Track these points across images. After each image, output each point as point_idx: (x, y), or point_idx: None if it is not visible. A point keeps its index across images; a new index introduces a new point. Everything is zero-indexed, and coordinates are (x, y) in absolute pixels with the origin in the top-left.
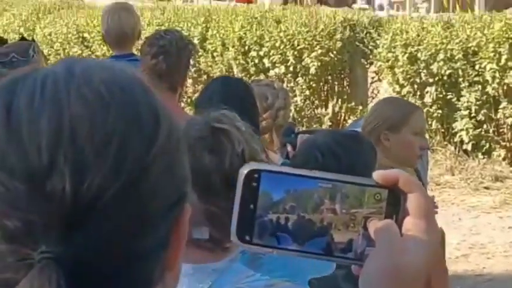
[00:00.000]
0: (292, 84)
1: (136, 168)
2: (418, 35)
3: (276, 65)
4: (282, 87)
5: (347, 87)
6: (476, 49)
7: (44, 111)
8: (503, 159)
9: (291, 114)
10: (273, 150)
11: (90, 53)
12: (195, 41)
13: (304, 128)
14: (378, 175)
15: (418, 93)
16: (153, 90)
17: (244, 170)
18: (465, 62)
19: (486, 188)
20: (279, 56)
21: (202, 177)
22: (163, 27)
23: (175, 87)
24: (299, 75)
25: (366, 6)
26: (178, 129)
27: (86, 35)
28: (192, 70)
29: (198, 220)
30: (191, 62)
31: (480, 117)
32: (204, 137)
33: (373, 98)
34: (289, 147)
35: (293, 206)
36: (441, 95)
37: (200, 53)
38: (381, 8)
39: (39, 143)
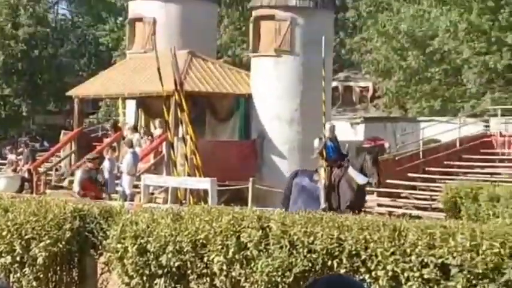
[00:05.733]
0: (18, 274)
1: None
2: (148, 227)
3: (3, 254)
4: None
5: (76, 278)
6: (204, 241)
7: None
8: None
9: None
10: None
11: None
12: None
13: None
14: None
15: (147, 285)
16: None
17: None
18: (194, 254)
19: None
20: (6, 245)
21: None
22: None
23: None
24: (26, 265)
25: None
26: None
27: None
28: None
29: None
30: None
31: None
32: None
33: None
34: None
35: None
36: (170, 287)
37: None
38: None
39: None
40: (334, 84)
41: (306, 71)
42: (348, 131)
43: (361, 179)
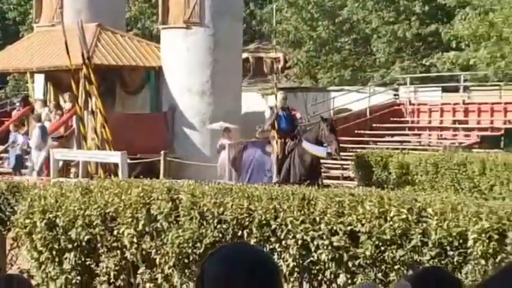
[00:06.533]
0: None
1: None
2: (57, 201)
3: None
4: None
5: None
6: (114, 214)
7: None
8: None
9: None
10: None
11: None
12: None
13: None
14: None
15: (57, 259)
16: None
17: None
18: (103, 227)
19: None
20: None
21: None
22: None
23: None
24: None
25: None
26: None
27: None
28: None
29: None
30: None
31: (119, 282)
32: None
33: (12, 265)
34: None
35: None
36: (80, 261)
37: None
38: None
39: None
40: (244, 55)
41: (216, 42)
42: (260, 101)
43: (320, 152)
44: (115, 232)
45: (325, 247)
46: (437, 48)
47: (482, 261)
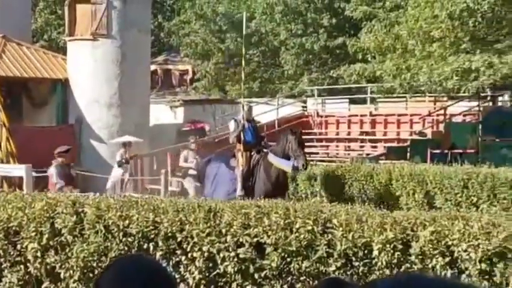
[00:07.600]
0: None
1: None
2: None
3: None
4: None
5: None
6: (17, 229)
7: None
8: None
9: None
10: None
11: None
12: None
13: None
14: None
15: None
16: None
17: None
18: (6, 242)
19: None
20: None
21: None
22: None
23: None
24: None
25: None
26: None
27: None
28: None
29: None
30: None
31: None
32: None
33: None
34: None
35: None
36: None
37: None
38: None
39: None
40: (153, 67)
41: (123, 54)
42: (168, 114)
43: (284, 165)
44: (18, 246)
45: (231, 259)
46: (345, 60)
47: (387, 271)
